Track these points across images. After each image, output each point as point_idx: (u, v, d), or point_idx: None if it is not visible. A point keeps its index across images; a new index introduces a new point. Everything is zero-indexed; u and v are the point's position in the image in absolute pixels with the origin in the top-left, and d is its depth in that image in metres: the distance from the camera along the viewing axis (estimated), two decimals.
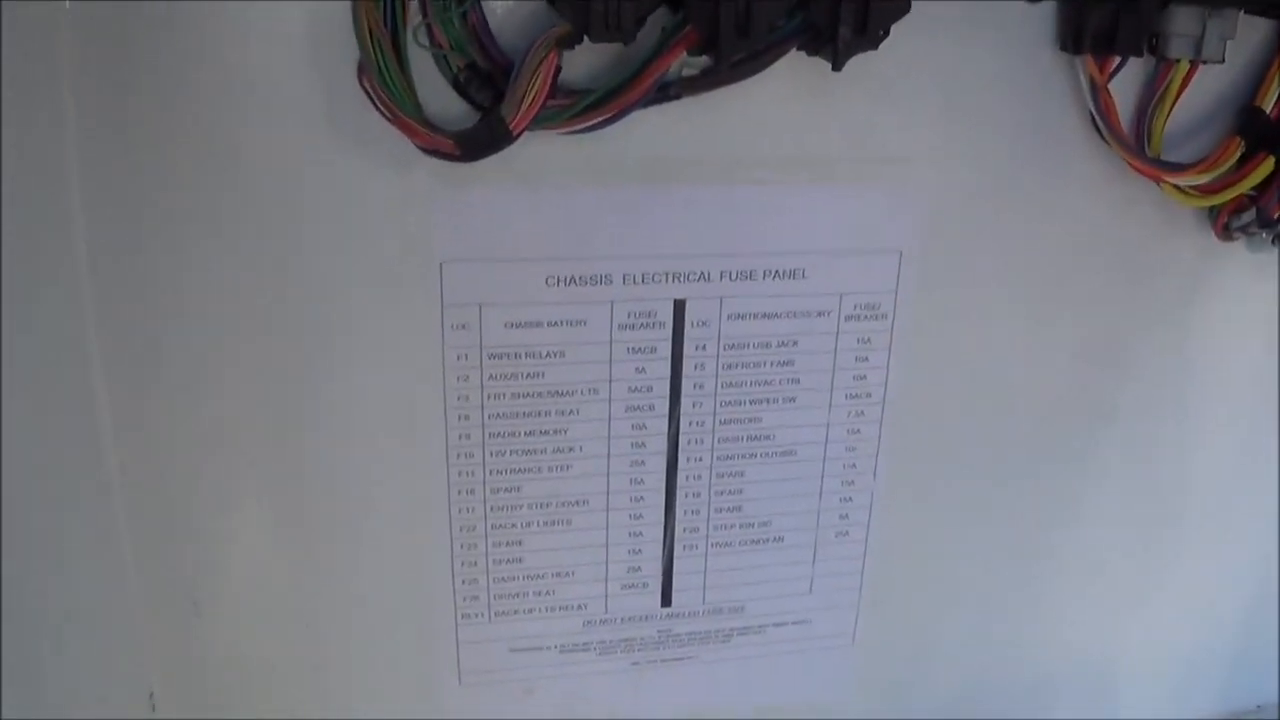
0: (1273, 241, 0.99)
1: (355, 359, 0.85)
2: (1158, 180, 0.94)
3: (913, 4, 0.81)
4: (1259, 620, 1.19)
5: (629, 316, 0.88)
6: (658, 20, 0.79)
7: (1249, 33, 0.92)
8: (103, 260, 0.80)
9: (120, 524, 0.87)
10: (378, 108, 0.78)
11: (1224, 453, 1.09)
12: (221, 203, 0.80)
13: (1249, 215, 0.96)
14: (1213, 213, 0.98)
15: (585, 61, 0.80)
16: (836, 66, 0.80)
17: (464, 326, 0.85)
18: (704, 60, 0.80)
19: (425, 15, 0.77)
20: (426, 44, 0.78)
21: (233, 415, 0.86)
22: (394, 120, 0.78)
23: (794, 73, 0.82)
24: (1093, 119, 0.92)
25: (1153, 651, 1.16)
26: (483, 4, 0.78)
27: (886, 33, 0.80)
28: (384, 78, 0.77)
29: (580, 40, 0.77)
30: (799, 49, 0.81)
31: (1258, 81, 0.96)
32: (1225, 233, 0.98)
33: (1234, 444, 1.10)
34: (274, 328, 0.84)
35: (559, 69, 0.77)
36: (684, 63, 0.80)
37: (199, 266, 0.81)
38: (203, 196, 0.80)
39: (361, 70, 0.78)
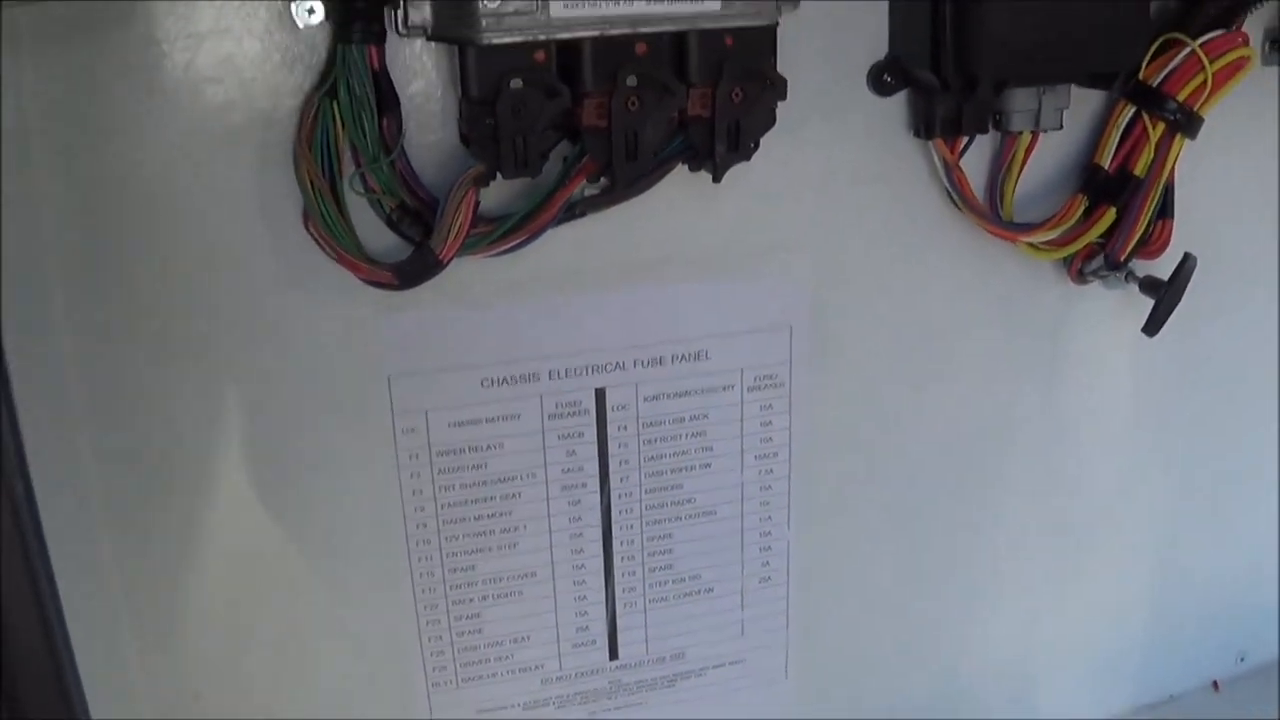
0: (1125, 279, 1.22)
1: (320, 465, 1.06)
2: (1014, 240, 1.17)
3: (778, 115, 1.03)
4: (1162, 615, 1.42)
5: (557, 407, 1.09)
6: (561, 150, 1.01)
7: (1084, 98, 1.15)
8: (89, 381, 1.00)
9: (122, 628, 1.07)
10: (322, 248, 0.99)
11: (1107, 468, 1.33)
12: (193, 341, 1.00)
13: (1099, 260, 1.20)
14: (1068, 261, 1.21)
15: (501, 190, 1.01)
16: (716, 179, 1.02)
17: (413, 430, 1.07)
18: (603, 181, 1.02)
19: (358, 165, 0.97)
20: (361, 191, 0.98)
21: (216, 525, 1.07)
22: (338, 259, 0.99)
23: (682, 181, 1.03)
24: (949, 194, 1.15)
25: (1068, 653, 1.39)
26: (407, 151, 0.99)
27: (757, 145, 1.02)
28: (326, 222, 0.98)
29: (494, 177, 0.98)
30: (684, 163, 1.03)
31: (1095, 141, 1.18)
32: (1080, 277, 1.21)
33: (1115, 460, 1.33)
34: (248, 445, 1.04)
35: (478, 203, 0.98)
36: (584, 185, 1.02)
37: (178, 395, 1.01)
38: (176, 336, 0.99)
39: (306, 217, 0.99)
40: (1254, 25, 1.20)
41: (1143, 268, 1.21)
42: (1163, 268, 1.20)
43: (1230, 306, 1.32)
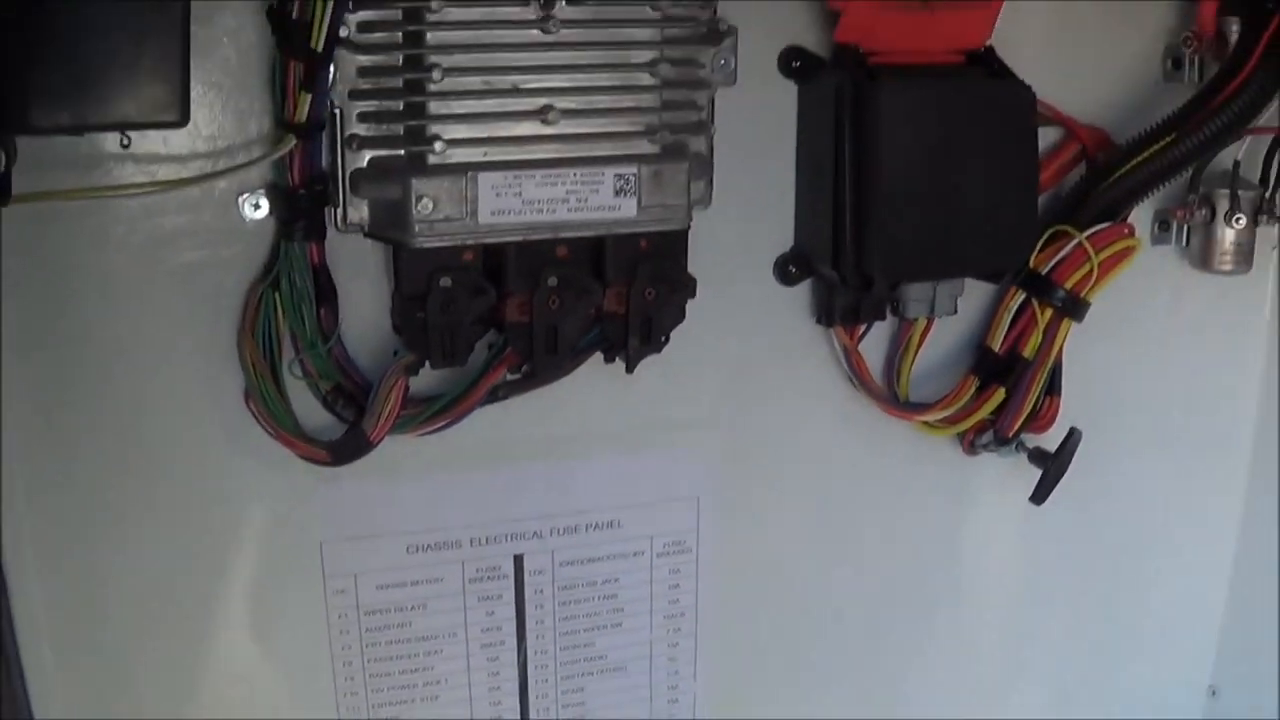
0: (1015, 449, 1.34)
1: (254, 623, 1.16)
2: (910, 419, 1.28)
3: (687, 310, 1.14)
4: None
5: (477, 572, 1.20)
6: (488, 337, 1.12)
7: (977, 284, 1.26)
8: (49, 555, 1.10)
9: None
10: (262, 425, 1.10)
11: (1001, 628, 1.45)
12: (140, 503, 1.10)
13: (989, 436, 1.31)
14: (961, 435, 1.32)
15: (430, 372, 1.11)
16: (629, 369, 1.13)
17: (343, 591, 1.17)
18: (525, 369, 1.13)
19: (298, 351, 1.08)
20: (299, 375, 1.09)
21: (151, 682, 1.17)
22: (276, 436, 1.09)
23: (598, 363, 1.15)
24: (849, 377, 1.26)
25: None
26: (343, 339, 1.10)
27: (667, 339, 1.14)
28: (266, 402, 1.08)
29: (423, 365, 1.09)
30: (600, 353, 1.14)
31: (988, 325, 1.30)
32: (972, 449, 1.33)
33: (1009, 620, 1.45)
34: (187, 601, 1.14)
35: (408, 388, 1.09)
36: (506, 373, 1.13)
37: (123, 552, 1.11)
38: (126, 496, 1.10)
39: (248, 396, 1.09)
40: (1144, 207, 1.33)
41: (1033, 439, 1.31)
42: (1052, 440, 1.31)
43: (1115, 475, 1.43)
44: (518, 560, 1.21)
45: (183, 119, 0.93)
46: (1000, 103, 1.18)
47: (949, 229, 1.17)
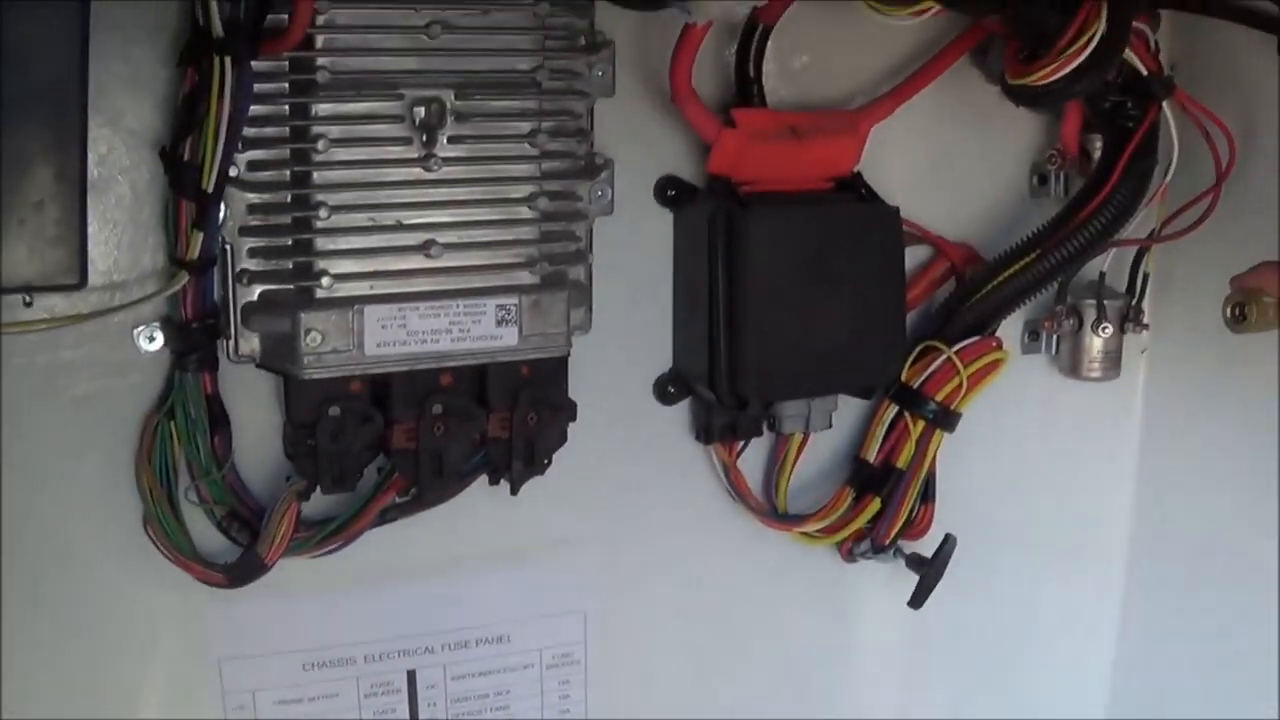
0: (893, 555, 1.42)
1: None
2: (788, 531, 1.36)
3: (569, 433, 1.22)
4: None
5: (372, 688, 1.26)
6: (378, 460, 1.19)
7: (851, 398, 1.34)
8: None
9: None
10: (160, 550, 1.16)
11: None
12: (44, 626, 1.16)
13: (866, 544, 1.39)
14: (839, 544, 1.40)
15: (322, 497, 1.18)
16: (514, 491, 1.20)
17: (241, 708, 1.23)
18: (413, 492, 1.21)
19: (193, 477, 1.15)
20: (196, 501, 1.15)
21: None
22: (174, 560, 1.16)
23: (485, 487, 1.22)
24: (728, 492, 1.35)
25: None
26: (236, 465, 1.17)
27: (550, 461, 1.22)
28: (164, 527, 1.14)
29: (315, 490, 1.16)
30: (485, 475, 1.22)
31: (862, 438, 1.38)
32: (851, 557, 1.40)
33: (890, 715, 1.53)
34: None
35: (300, 513, 1.16)
36: (395, 496, 1.21)
37: (29, 677, 1.16)
38: (30, 628, 1.15)
39: (146, 521, 1.16)
40: (1014, 317, 1.42)
41: (910, 546, 1.39)
42: (929, 546, 1.39)
43: (993, 579, 1.52)
44: (411, 675, 1.27)
45: (81, 281, 1.01)
46: (867, 226, 1.27)
47: (820, 349, 1.25)
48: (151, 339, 1.12)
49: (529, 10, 1.12)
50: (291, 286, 1.10)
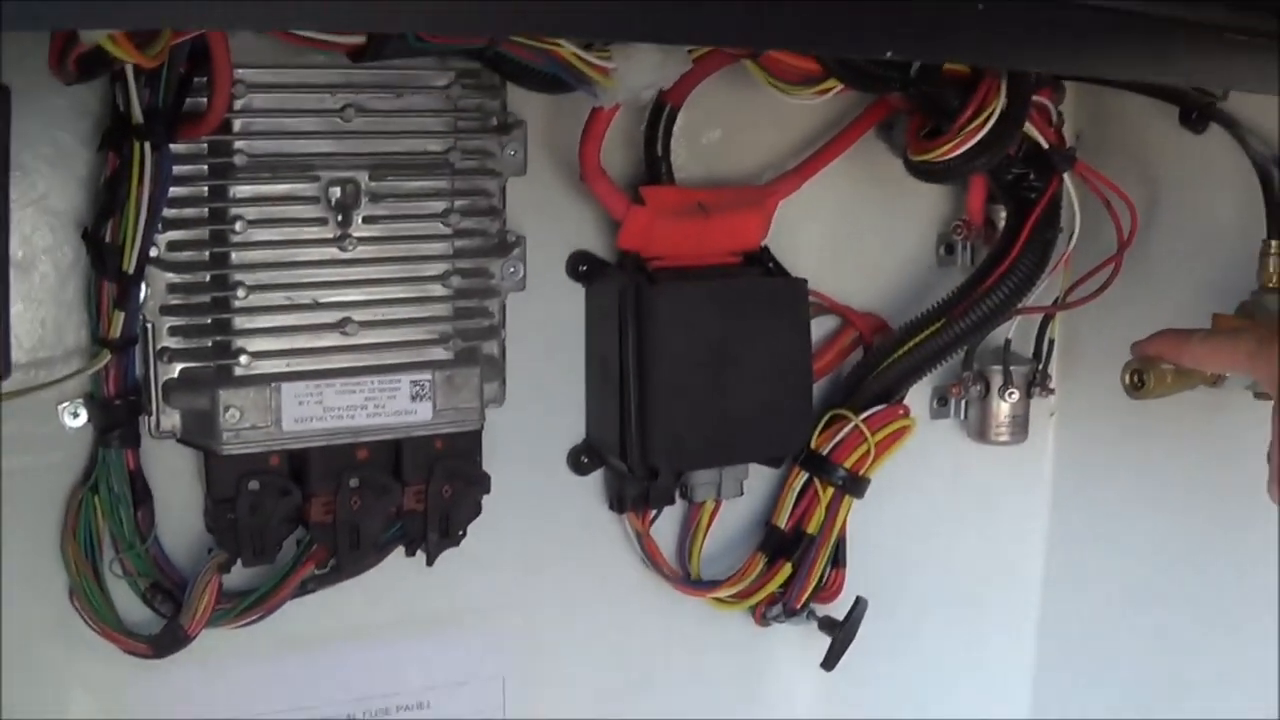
0: (806, 618, 1.48)
1: None
2: (702, 596, 1.42)
3: (488, 497, 1.27)
4: None
5: None
6: (298, 533, 1.23)
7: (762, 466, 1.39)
8: None
9: None
10: (86, 622, 1.20)
11: None
12: None
13: (779, 608, 1.44)
14: (752, 608, 1.46)
15: (244, 569, 1.22)
16: (429, 562, 1.25)
17: None
18: (332, 563, 1.25)
19: (117, 550, 1.19)
20: (120, 574, 1.20)
21: None
22: (100, 631, 1.19)
23: (402, 557, 1.27)
24: (642, 559, 1.40)
25: None
26: (160, 539, 1.21)
27: (465, 532, 1.26)
28: (89, 599, 1.18)
29: (235, 563, 1.21)
30: (402, 546, 1.27)
31: (773, 504, 1.44)
32: (764, 621, 1.46)
33: None
34: None
35: (221, 585, 1.21)
36: (314, 568, 1.26)
37: None
38: None
39: (72, 593, 1.20)
40: (923, 383, 1.48)
41: (822, 609, 1.45)
42: (841, 609, 1.45)
43: (906, 640, 1.57)
44: None
45: (5, 373, 1.06)
46: (773, 299, 1.33)
47: (728, 420, 1.30)
48: (75, 415, 1.15)
49: (441, 93, 1.17)
50: (211, 364, 1.14)
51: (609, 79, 1.10)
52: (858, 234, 1.47)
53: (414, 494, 1.22)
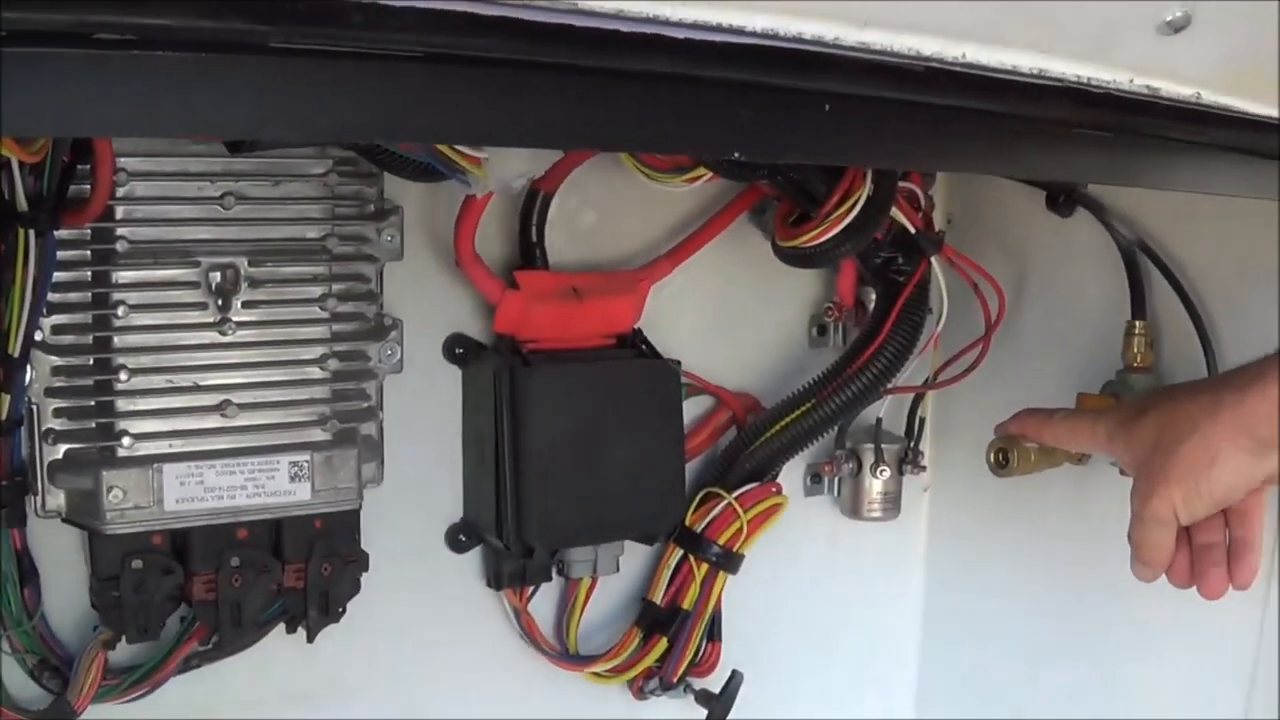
0: (684, 691, 1.55)
1: None
2: (580, 671, 1.49)
3: (363, 582, 1.34)
4: None
5: None
6: (180, 611, 1.29)
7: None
8: None
9: None
10: None
11: None
12: None
13: (655, 682, 1.52)
14: (630, 682, 1.53)
15: (129, 645, 1.27)
16: (310, 639, 1.30)
17: None
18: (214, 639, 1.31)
19: (4, 628, 1.24)
20: (8, 650, 1.25)
21: None
22: None
23: (284, 634, 1.33)
24: (520, 635, 1.47)
25: None
26: (46, 616, 1.27)
27: (344, 609, 1.33)
28: None
29: (121, 639, 1.27)
30: (283, 623, 1.33)
31: (649, 580, 1.51)
32: (641, 695, 1.52)
33: None
34: None
35: (107, 661, 1.26)
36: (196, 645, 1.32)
37: None
38: None
39: None
40: (797, 461, 1.56)
41: (699, 682, 1.51)
42: (717, 681, 1.51)
43: (783, 713, 1.65)
44: None
45: None
46: (646, 380, 1.40)
47: (602, 499, 1.37)
48: None
49: (319, 180, 1.24)
50: (94, 445, 1.20)
51: (481, 169, 1.17)
52: (731, 316, 1.55)
53: (294, 572, 1.28)
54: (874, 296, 1.51)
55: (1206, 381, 1.25)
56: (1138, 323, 1.43)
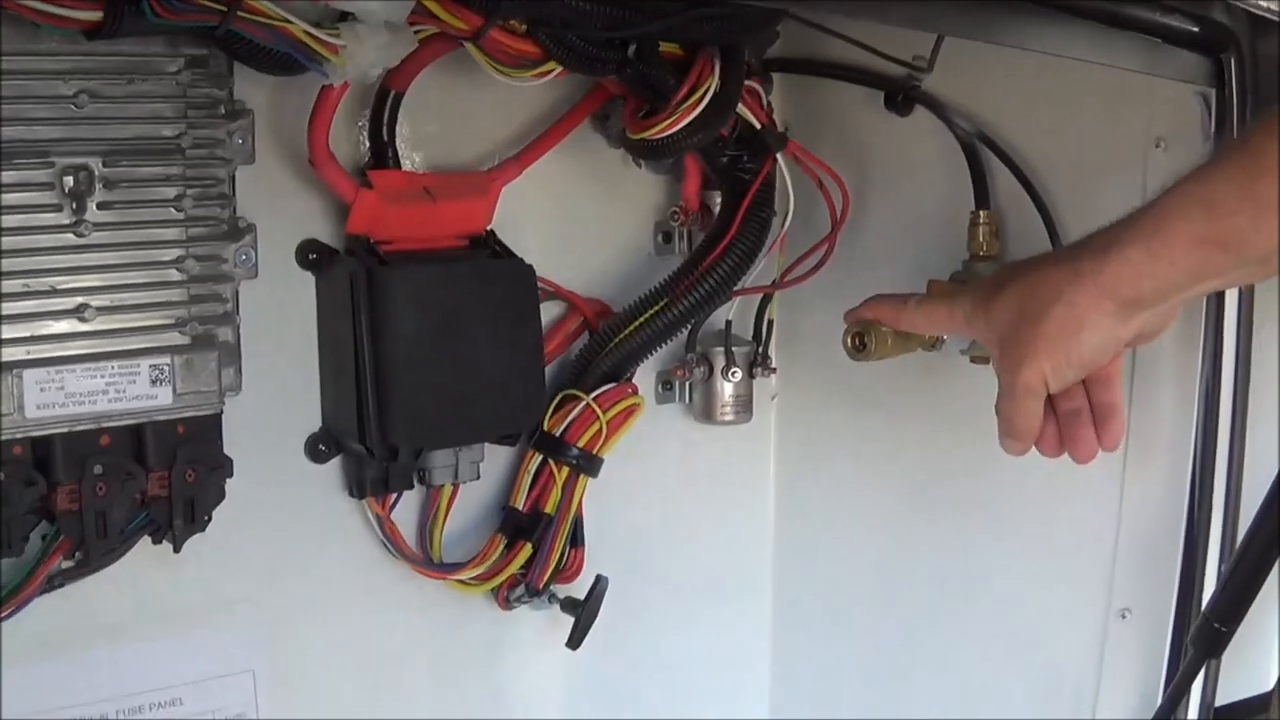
0: (549, 601, 1.56)
1: None
2: (445, 579, 1.50)
3: (228, 489, 1.34)
4: None
5: None
6: (42, 529, 1.27)
7: (498, 449, 1.50)
8: None
9: None
10: None
11: None
12: None
13: (521, 589, 1.54)
14: (495, 591, 1.54)
15: None
16: (176, 549, 1.31)
17: None
18: (78, 556, 1.31)
19: None
20: None
21: None
22: None
23: (149, 550, 1.33)
24: (384, 544, 1.48)
25: None
26: None
27: (210, 517, 1.33)
28: None
29: None
30: (148, 535, 1.33)
31: (511, 486, 1.53)
32: (507, 604, 1.54)
33: None
34: None
35: None
36: (61, 560, 1.31)
37: None
38: None
39: None
40: (648, 369, 1.60)
41: (564, 589, 1.54)
42: (582, 588, 1.54)
43: (648, 616, 1.69)
44: None
45: None
46: (502, 280, 1.42)
47: (463, 398, 1.39)
48: None
49: (171, 79, 1.24)
50: None
51: (339, 57, 1.18)
52: (577, 223, 1.58)
53: (158, 480, 1.28)
54: (719, 200, 1.55)
55: (1061, 251, 1.30)
56: (981, 212, 1.48)
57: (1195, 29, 1.32)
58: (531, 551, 1.50)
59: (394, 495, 1.46)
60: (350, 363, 1.36)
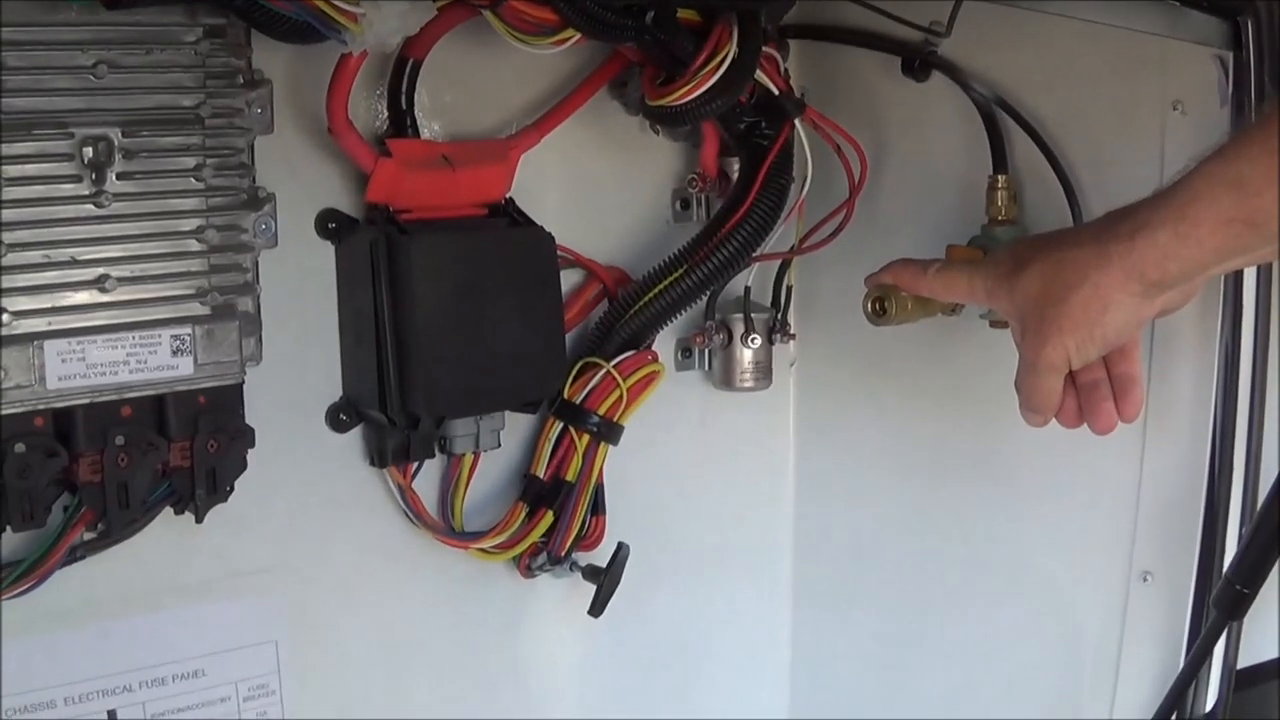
0: (570, 569, 1.56)
1: None
2: (466, 548, 1.50)
3: (250, 458, 1.34)
4: None
5: None
6: (63, 500, 1.27)
7: (519, 417, 1.50)
8: None
9: None
10: None
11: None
12: None
13: (543, 557, 1.53)
14: (516, 560, 1.54)
15: (13, 539, 1.26)
16: (199, 519, 1.31)
17: None
18: (100, 527, 1.30)
19: None
20: None
21: None
22: None
23: (170, 519, 1.33)
24: (406, 513, 1.48)
25: None
26: None
27: (232, 487, 1.32)
28: None
29: (4, 531, 1.25)
30: (170, 506, 1.33)
31: (531, 454, 1.53)
32: (529, 572, 1.54)
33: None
34: None
35: None
36: (83, 532, 1.31)
37: None
38: None
39: None
40: (667, 337, 1.59)
41: (585, 557, 1.54)
42: (603, 556, 1.54)
43: (668, 583, 1.69)
44: (111, 715, 1.34)
45: None
46: (522, 248, 1.42)
47: (484, 366, 1.39)
48: None
49: (190, 48, 1.24)
50: None
51: (358, 25, 1.17)
52: (597, 191, 1.58)
53: (179, 450, 1.28)
54: (737, 167, 1.54)
55: (1085, 229, 1.28)
56: (1000, 177, 1.48)
57: None
58: (553, 519, 1.49)
59: (415, 464, 1.45)
60: (370, 332, 1.36)
